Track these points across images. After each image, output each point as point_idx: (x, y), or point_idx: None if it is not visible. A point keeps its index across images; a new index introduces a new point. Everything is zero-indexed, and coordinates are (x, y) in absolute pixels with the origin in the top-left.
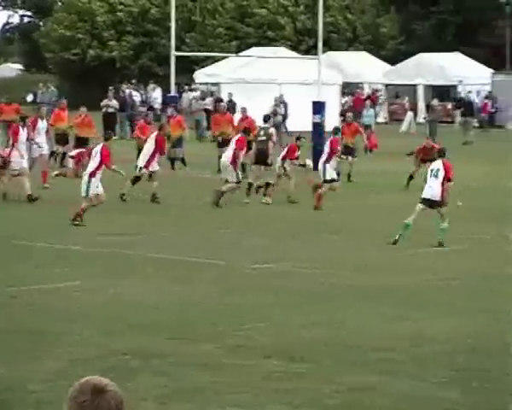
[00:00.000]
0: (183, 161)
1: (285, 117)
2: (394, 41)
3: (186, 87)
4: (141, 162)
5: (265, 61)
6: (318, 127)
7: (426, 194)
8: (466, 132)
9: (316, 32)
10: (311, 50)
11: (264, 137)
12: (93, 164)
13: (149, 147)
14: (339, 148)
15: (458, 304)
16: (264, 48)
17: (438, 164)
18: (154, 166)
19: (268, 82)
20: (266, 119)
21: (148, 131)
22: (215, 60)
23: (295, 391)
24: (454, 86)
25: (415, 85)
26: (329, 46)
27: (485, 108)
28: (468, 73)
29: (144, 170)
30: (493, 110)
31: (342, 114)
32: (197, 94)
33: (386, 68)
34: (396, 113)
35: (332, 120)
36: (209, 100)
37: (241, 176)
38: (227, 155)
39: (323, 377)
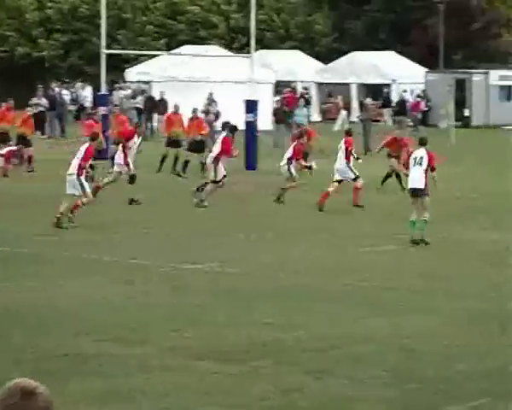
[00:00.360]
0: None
1: (217, 116)
2: (327, 39)
3: (117, 85)
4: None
5: (197, 59)
6: (251, 126)
7: (411, 184)
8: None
9: (249, 30)
10: (243, 49)
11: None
12: (77, 162)
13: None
14: (353, 148)
15: (396, 304)
16: (196, 46)
17: (421, 152)
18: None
19: (200, 80)
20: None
21: (97, 129)
22: (148, 57)
23: (228, 393)
24: (388, 85)
25: (348, 84)
26: (262, 44)
27: (417, 107)
28: (401, 72)
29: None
30: (426, 109)
31: (275, 113)
32: (128, 92)
33: (319, 67)
34: (329, 112)
35: (265, 119)
36: (140, 98)
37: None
38: (212, 155)
39: (259, 378)
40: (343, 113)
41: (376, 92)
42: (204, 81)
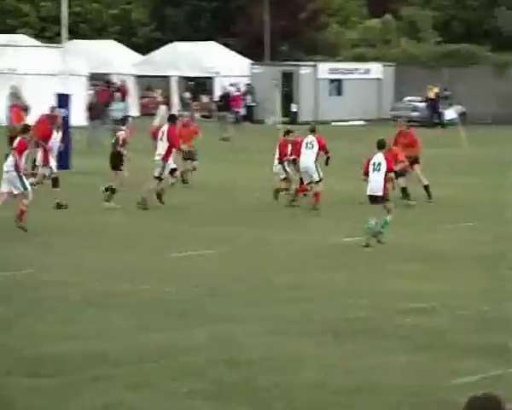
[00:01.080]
0: None
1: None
2: (146, 28)
3: None
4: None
5: (3, 49)
6: (63, 122)
7: (369, 190)
8: (223, 127)
9: (59, 19)
10: (55, 39)
11: (113, 140)
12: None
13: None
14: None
15: (214, 312)
16: (1, 35)
17: (379, 157)
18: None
19: (7, 72)
20: (124, 121)
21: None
22: None
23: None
24: (211, 78)
25: (168, 77)
26: (78, 35)
27: (238, 102)
28: (225, 65)
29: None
30: (253, 104)
31: (89, 107)
32: None
33: (137, 58)
34: (148, 106)
35: (78, 114)
36: None
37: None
38: (160, 152)
39: (75, 393)
40: (162, 108)
41: (199, 86)
42: (11, 73)
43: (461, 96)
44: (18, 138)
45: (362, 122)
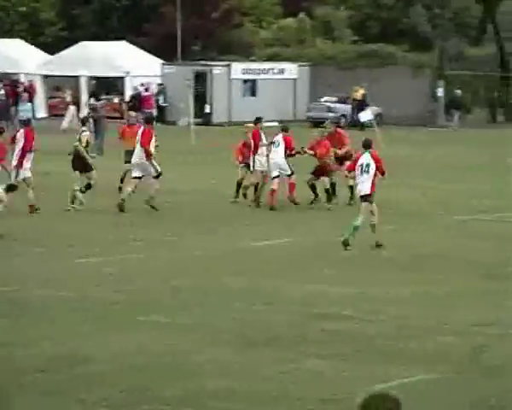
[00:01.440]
0: None
1: None
2: (54, 28)
3: None
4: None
5: None
6: None
7: (359, 191)
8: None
9: None
10: None
11: (77, 143)
12: None
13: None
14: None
15: (125, 318)
16: None
17: (366, 158)
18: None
19: None
20: (84, 121)
21: None
22: None
23: None
24: (121, 78)
25: (77, 77)
26: None
27: (148, 103)
28: (136, 64)
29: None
30: (165, 104)
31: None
32: None
33: (45, 58)
34: (57, 107)
35: None
36: None
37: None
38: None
39: None
40: (71, 108)
41: (109, 86)
42: None
43: (377, 96)
44: None
45: (276, 123)
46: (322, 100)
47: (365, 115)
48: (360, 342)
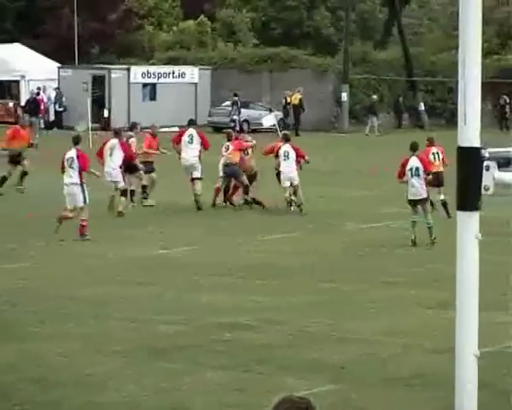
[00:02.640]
0: None
1: None
2: None
3: None
4: None
5: None
6: None
7: (411, 195)
8: (34, 134)
9: None
10: None
11: None
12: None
13: None
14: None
15: (22, 330)
16: None
17: (415, 161)
18: None
19: None
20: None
21: None
22: None
23: None
24: (17, 82)
25: None
26: None
27: (41, 106)
28: (32, 68)
29: None
30: (61, 109)
31: None
32: None
33: None
34: None
35: None
36: None
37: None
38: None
39: None
40: None
41: (4, 90)
42: None
43: (280, 100)
44: None
45: (177, 128)
46: (224, 105)
47: (268, 120)
48: (262, 351)
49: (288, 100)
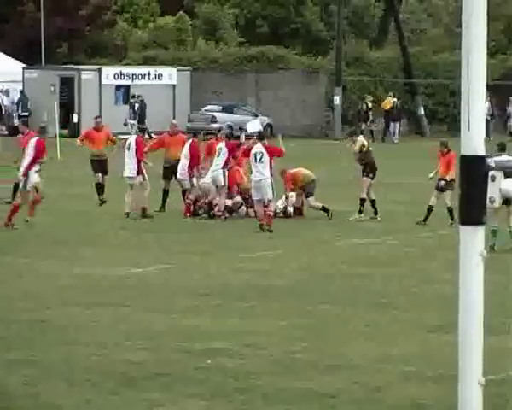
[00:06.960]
0: None
1: None
2: None
3: None
4: None
5: None
6: None
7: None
8: None
9: None
10: None
11: None
12: None
13: None
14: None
15: None
16: None
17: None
18: None
19: None
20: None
21: None
22: None
23: None
24: None
25: None
26: None
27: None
28: None
29: None
30: (26, 113)
31: None
32: None
33: None
34: None
35: None
36: None
37: None
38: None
39: None
40: None
41: None
42: None
43: (267, 104)
44: None
45: (153, 135)
46: (205, 109)
47: (253, 126)
48: (245, 380)
49: (370, 105)
